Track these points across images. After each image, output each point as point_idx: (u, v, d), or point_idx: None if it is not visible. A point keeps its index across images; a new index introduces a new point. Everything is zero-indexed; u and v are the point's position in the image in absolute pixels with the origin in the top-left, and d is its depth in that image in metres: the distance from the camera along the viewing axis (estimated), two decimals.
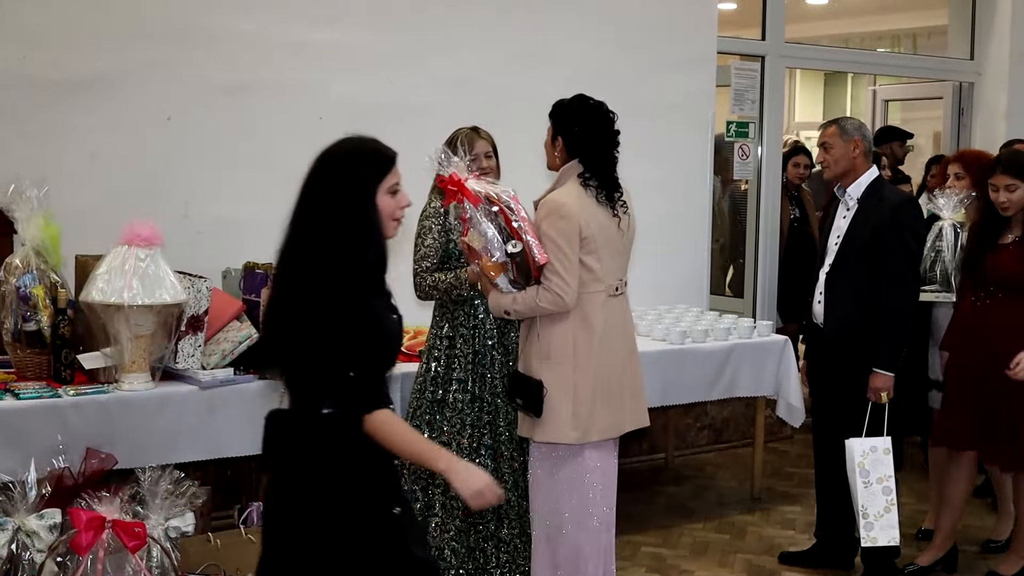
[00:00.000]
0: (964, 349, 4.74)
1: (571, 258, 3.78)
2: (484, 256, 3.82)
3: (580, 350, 3.85)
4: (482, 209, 3.79)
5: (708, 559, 5.16)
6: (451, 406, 4.33)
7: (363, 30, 5.62)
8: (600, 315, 3.88)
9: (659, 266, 6.58)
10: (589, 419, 3.87)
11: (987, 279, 4.65)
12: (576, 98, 3.97)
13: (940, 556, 4.95)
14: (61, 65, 4.95)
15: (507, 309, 3.89)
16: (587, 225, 3.81)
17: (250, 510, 4.13)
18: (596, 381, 3.87)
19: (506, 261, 3.81)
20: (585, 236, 3.80)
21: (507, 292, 3.88)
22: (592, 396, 3.87)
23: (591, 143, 3.91)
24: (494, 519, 4.36)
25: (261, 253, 4.72)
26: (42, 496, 3.75)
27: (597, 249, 3.85)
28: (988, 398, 4.62)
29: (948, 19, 8.91)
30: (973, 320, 4.70)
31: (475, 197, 3.79)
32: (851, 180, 4.66)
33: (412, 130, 5.46)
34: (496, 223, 3.80)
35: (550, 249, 3.78)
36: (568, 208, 3.81)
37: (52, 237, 4.31)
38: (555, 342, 3.85)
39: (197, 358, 4.27)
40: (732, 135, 7.15)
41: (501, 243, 3.79)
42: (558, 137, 3.94)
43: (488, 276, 3.86)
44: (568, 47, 6.24)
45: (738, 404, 6.98)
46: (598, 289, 3.87)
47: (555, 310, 3.80)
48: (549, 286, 3.78)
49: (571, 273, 3.78)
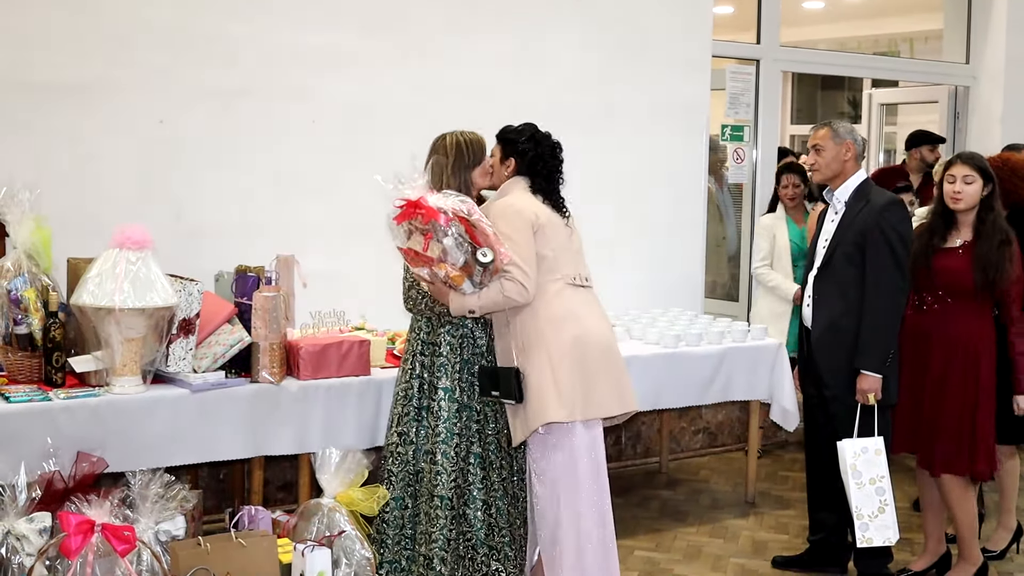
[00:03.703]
0: (908, 354, 4.70)
1: (527, 248, 4.10)
2: (445, 265, 3.99)
3: (548, 331, 4.12)
4: (444, 221, 3.94)
5: (701, 563, 5.15)
6: (436, 415, 4.31)
7: (356, 34, 5.61)
8: (562, 300, 4.17)
9: (653, 269, 6.59)
10: (573, 395, 4.09)
11: (933, 283, 4.64)
12: (526, 126, 4.34)
13: (934, 561, 4.94)
14: (54, 68, 4.94)
15: (472, 308, 4.10)
16: (538, 217, 4.15)
17: (241, 514, 4.12)
18: (574, 363, 4.10)
19: (468, 266, 4.00)
20: (537, 228, 4.14)
21: (471, 293, 4.08)
22: (572, 375, 4.09)
23: (542, 166, 4.29)
24: (484, 527, 4.35)
25: (253, 256, 4.73)
26: (32, 499, 3.73)
27: (549, 240, 4.16)
28: (921, 402, 4.66)
29: (944, 23, 8.92)
30: (920, 325, 4.68)
31: (436, 211, 3.95)
32: (840, 183, 4.67)
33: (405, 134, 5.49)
34: (456, 233, 3.96)
35: (507, 243, 4.04)
36: (519, 204, 4.19)
37: (43, 240, 4.31)
38: (523, 331, 4.13)
39: (188, 361, 4.26)
40: (727, 139, 7.15)
41: (465, 253, 3.97)
42: (509, 159, 4.30)
43: (453, 283, 4.04)
44: (563, 50, 6.24)
45: (732, 408, 6.99)
46: (555, 278, 4.17)
47: (520, 300, 4.07)
48: (511, 276, 4.05)
49: (529, 263, 4.08)
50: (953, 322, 4.59)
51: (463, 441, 4.31)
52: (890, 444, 4.58)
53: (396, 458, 4.36)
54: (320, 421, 4.49)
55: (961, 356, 4.57)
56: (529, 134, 4.31)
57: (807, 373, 4.83)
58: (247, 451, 4.43)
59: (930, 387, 4.62)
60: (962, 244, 4.62)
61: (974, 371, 4.57)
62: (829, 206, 4.75)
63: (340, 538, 3.98)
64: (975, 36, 8.34)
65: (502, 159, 4.32)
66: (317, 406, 4.48)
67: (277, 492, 5.47)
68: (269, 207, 5.42)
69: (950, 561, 4.95)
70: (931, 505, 4.90)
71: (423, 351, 4.36)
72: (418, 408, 4.34)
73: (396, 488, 4.35)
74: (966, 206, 4.60)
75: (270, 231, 5.31)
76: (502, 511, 4.35)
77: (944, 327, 4.60)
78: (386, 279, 4.68)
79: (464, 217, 3.95)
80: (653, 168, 6.58)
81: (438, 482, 4.27)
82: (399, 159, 4.11)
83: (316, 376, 4.50)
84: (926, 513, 4.94)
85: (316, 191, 5.54)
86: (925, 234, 4.72)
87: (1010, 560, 5.15)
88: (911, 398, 4.70)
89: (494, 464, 4.36)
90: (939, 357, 4.60)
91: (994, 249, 4.53)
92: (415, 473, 4.36)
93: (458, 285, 4.04)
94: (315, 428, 4.49)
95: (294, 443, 4.48)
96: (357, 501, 4.13)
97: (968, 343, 4.57)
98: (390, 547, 4.37)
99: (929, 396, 4.63)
